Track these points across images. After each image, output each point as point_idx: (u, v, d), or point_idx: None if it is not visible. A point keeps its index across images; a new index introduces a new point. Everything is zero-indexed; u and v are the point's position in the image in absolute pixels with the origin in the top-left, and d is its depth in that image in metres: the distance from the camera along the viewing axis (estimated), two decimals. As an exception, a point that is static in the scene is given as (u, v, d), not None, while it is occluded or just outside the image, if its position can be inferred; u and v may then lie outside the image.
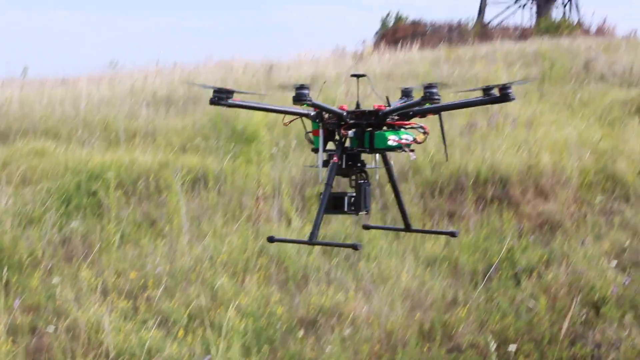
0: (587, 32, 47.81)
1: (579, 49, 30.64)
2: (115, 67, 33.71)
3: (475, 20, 54.81)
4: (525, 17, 59.86)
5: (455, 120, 18.12)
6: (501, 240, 13.50)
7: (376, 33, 53.64)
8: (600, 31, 48.58)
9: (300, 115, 6.52)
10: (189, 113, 21.95)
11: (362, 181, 6.40)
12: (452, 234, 7.03)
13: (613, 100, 21.22)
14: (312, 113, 6.46)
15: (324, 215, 6.18)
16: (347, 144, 6.48)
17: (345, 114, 6.40)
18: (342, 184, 6.51)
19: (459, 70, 25.28)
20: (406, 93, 6.69)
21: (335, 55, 35.62)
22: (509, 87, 5.84)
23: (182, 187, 15.53)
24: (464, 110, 19.38)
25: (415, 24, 53.12)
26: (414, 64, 28.77)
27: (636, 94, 21.52)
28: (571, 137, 16.92)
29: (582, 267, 12.47)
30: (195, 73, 28.50)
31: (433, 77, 24.20)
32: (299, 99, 6.16)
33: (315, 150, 6.45)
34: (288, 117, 6.70)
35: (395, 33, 49.99)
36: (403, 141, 6.22)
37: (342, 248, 13.31)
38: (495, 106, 19.61)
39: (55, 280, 12.45)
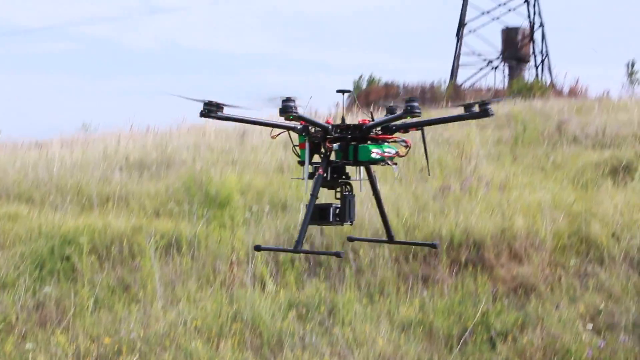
0: (559, 93, 48.27)
1: (552, 110, 30.89)
2: (88, 130, 33.75)
3: (447, 82, 55.28)
4: (498, 78, 60.40)
5: (428, 183, 18.16)
6: (476, 304, 13.46)
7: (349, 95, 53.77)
8: (573, 92, 49.05)
9: (288, 128, 6.65)
10: (162, 177, 21.92)
11: (347, 193, 6.55)
12: (433, 246, 7.17)
13: (586, 162, 21.34)
14: (299, 127, 6.60)
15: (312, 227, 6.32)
16: (332, 157, 6.61)
17: (330, 127, 6.52)
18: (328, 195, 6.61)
19: (432, 133, 25.38)
20: (391, 110, 6.83)
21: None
22: (488, 103, 6.00)
23: (156, 252, 15.45)
24: (437, 173, 19.46)
25: (388, 86, 53.52)
26: (388, 127, 28.77)
27: (609, 156, 21.65)
28: (545, 200, 16.97)
29: (557, 330, 12.44)
30: (169, 136, 28.51)
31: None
32: (285, 111, 6.29)
33: (302, 163, 6.60)
34: (275, 131, 6.84)
35: (368, 95, 50.31)
36: (386, 154, 6.40)
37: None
38: (469, 169, 19.71)
39: (29, 345, 12.35)
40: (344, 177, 6.77)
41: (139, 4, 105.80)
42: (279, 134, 6.96)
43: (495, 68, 60.71)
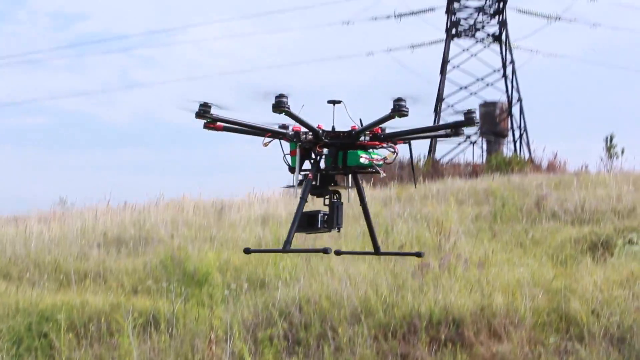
0: (538, 168, 48.46)
1: (530, 185, 31.01)
2: (65, 206, 33.63)
3: (426, 157, 55.50)
4: (476, 153, 60.71)
5: (407, 261, 18.12)
6: (456, 383, 13.39)
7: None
8: (551, 167, 49.24)
9: (279, 134, 6.76)
10: (140, 254, 21.84)
11: (335, 200, 6.65)
12: (418, 255, 7.23)
13: (565, 238, 21.40)
14: (291, 133, 6.72)
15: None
16: (322, 163, 6.76)
17: (321, 132, 6.63)
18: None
19: (410, 209, 25.44)
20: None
21: (285, 195, 35.71)
22: (473, 112, 6.13)
23: (134, 330, 15.33)
24: (416, 248, 19.42)
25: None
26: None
27: (588, 232, 21.72)
28: (524, 277, 16.97)
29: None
30: (146, 212, 28.45)
31: (384, 215, 24.33)
32: (278, 106, 6.38)
33: (292, 170, 6.70)
34: (267, 139, 6.96)
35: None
36: (374, 159, 6.53)
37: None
38: (447, 246, 19.71)
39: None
40: (332, 184, 6.93)
41: (116, 78, 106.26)
42: (270, 142, 7.10)
43: (474, 143, 61.05)
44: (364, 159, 6.74)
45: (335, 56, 60.56)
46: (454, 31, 62.04)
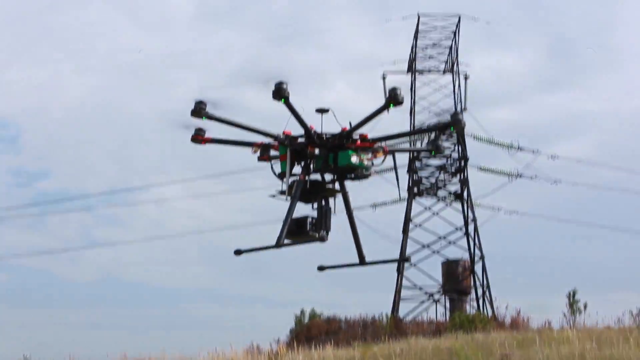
0: (501, 325, 48.23)
1: (494, 344, 30.68)
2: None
3: (389, 315, 55.09)
4: (440, 311, 60.36)
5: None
6: None
7: (291, 331, 53.44)
8: (514, 324, 49.05)
9: (271, 137, 6.80)
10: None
11: (324, 204, 6.68)
12: (406, 259, 7.17)
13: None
14: (282, 136, 6.74)
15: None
16: (312, 165, 6.80)
17: (313, 132, 6.59)
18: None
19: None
20: None
21: (250, 353, 35.33)
22: (459, 113, 6.28)
23: None
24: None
25: (330, 320, 53.21)
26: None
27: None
28: None
29: None
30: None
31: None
32: (278, 93, 6.26)
33: (282, 175, 6.70)
34: (257, 144, 7.04)
35: (310, 330, 49.94)
36: (364, 159, 6.65)
37: None
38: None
39: None
40: (321, 191, 6.99)
41: (78, 236, 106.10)
42: (259, 149, 7.19)
43: (437, 301, 60.80)
44: (354, 158, 6.87)
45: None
46: (415, 190, 62.56)
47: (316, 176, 9.16)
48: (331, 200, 7.45)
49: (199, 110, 6.39)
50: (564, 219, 71.39)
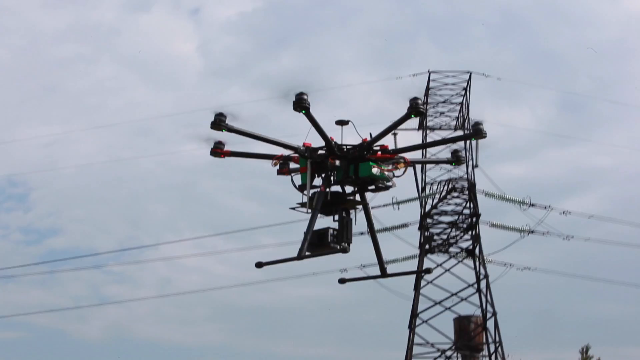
0: None
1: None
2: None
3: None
4: None
5: None
6: None
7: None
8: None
9: (291, 149, 6.90)
10: None
11: (344, 215, 6.75)
12: (427, 271, 7.30)
13: None
14: (302, 148, 6.79)
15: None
16: (333, 177, 6.90)
17: (333, 143, 6.61)
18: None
19: None
20: None
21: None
22: (480, 123, 6.33)
23: None
24: None
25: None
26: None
27: None
28: None
29: None
30: None
31: None
32: (299, 104, 6.27)
33: (302, 188, 6.76)
34: (277, 157, 7.17)
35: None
36: (385, 170, 6.71)
37: None
38: None
39: None
40: (342, 203, 7.09)
41: (88, 293, 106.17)
42: (280, 161, 7.30)
43: (449, 358, 60.43)
44: (376, 169, 6.93)
45: (310, 272, 60.62)
46: (427, 246, 62.40)
47: (336, 188, 9.17)
48: (351, 212, 7.54)
49: (218, 122, 6.46)
50: (576, 274, 71.03)
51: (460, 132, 65.76)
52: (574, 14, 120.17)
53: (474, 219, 62.43)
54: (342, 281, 7.57)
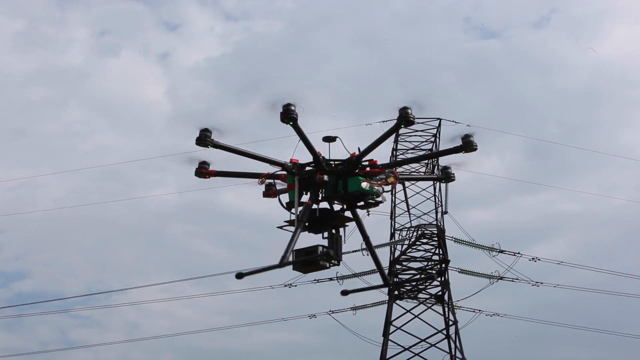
0: None
1: None
2: None
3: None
4: None
5: None
6: None
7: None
8: None
9: (278, 165, 6.79)
10: None
11: (334, 232, 6.63)
12: (433, 277, 7.15)
13: None
14: (289, 164, 6.69)
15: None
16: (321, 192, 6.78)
17: (321, 158, 6.49)
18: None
19: None
20: None
21: None
22: (470, 135, 6.28)
23: None
24: None
25: None
26: None
27: None
28: None
29: None
30: None
31: None
32: (286, 115, 6.12)
33: (290, 205, 6.64)
34: (264, 175, 7.06)
35: None
36: (374, 184, 6.60)
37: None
38: None
39: None
40: (331, 220, 6.97)
41: (55, 337, 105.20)
42: (266, 178, 7.20)
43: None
44: (365, 183, 6.81)
45: (279, 318, 60.39)
46: (396, 292, 62.28)
47: (325, 205, 8.89)
48: (341, 230, 7.32)
49: (204, 138, 6.25)
50: (546, 321, 71.02)
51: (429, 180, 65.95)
52: (543, 61, 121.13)
53: (443, 265, 62.43)
54: (344, 293, 7.44)
